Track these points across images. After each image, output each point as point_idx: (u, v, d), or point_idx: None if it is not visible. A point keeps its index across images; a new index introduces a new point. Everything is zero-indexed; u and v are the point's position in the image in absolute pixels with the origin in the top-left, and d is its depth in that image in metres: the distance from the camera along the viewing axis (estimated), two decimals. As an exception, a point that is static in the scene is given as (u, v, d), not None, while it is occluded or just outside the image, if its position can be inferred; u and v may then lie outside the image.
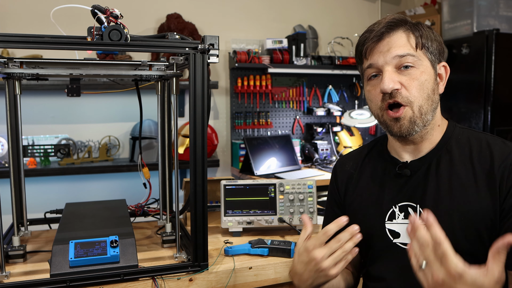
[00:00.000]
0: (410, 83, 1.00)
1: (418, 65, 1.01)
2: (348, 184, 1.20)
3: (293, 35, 3.40)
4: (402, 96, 1.00)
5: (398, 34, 1.02)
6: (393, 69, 1.01)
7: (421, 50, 1.02)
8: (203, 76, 1.20)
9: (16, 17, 2.89)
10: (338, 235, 0.98)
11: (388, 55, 1.01)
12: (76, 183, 3.01)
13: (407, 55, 1.00)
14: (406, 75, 1.00)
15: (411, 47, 1.01)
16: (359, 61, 1.09)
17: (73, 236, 1.23)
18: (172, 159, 1.58)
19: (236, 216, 1.53)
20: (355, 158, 1.23)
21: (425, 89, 1.01)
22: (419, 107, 1.00)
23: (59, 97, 2.99)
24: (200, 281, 1.25)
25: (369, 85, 1.07)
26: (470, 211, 0.97)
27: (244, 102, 3.44)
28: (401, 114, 1.01)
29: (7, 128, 1.29)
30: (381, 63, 1.02)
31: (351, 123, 3.39)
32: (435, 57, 1.04)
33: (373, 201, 1.12)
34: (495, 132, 2.85)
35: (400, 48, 1.00)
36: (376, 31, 1.02)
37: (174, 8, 3.19)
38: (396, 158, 1.11)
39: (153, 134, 2.96)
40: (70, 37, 1.11)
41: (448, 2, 3.24)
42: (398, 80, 1.00)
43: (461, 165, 1.02)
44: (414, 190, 1.05)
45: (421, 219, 0.83)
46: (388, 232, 1.07)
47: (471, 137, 1.05)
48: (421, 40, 1.02)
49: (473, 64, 2.90)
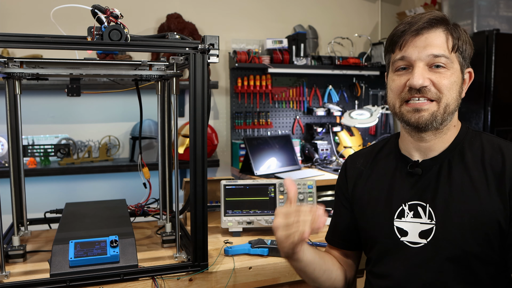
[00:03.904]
0: (440, 81, 1.01)
1: (449, 67, 1.01)
2: (357, 179, 1.20)
3: (293, 35, 3.40)
4: (431, 92, 1.01)
5: (438, 32, 1.02)
6: (425, 66, 1.01)
7: (455, 53, 1.03)
8: (203, 76, 1.20)
9: (16, 17, 2.89)
10: (299, 207, 0.98)
11: (424, 52, 1.00)
12: (76, 183, 3.01)
13: (442, 56, 1.00)
14: (437, 73, 1.01)
15: (447, 48, 1.01)
16: (390, 49, 1.08)
17: (73, 236, 1.23)
18: (172, 159, 1.58)
19: (236, 216, 1.53)
20: (366, 156, 1.23)
21: (454, 90, 1.02)
22: (445, 105, 1.01)
23: (59, 97, 2.99)
24: (200, 281, 1.25)
25: (395, 75, 1.06)
26: (481, 214, 0.97)
27: (244, 102, 3.44)
28: (424, 106, 1.01)
29: (7, 128, 1.29)
30: (414, 58, 1.01)
31: (351, 123, 3.39)
32: (465, 62, 1.06)
33: (383, 198, 1.11)
34: (495, 132, 2.85)
35: (437, 47, 1.00)
36: (417, 25, 1.02)
37: (174, 8, 3.19)
38: (408, 156, 1.11)
39: (153, 134, 2.96)
40: (70, 37, 1.11)
41: (448, 2, 3.24)
42: (428, 77, 1.01)
43: (473, 168, 1.02)
44: (425, 190, 1.05)
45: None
46: (396, 230, 1.07)
47: (484, 140, 1.06)
48: (458, 43, 1.02)
49: (473, 64, 2.87)
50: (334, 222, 1.27)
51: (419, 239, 1.03)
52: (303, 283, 1.37)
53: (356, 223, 1.20)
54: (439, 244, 1.00)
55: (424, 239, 1.02)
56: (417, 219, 1.04)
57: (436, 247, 1.01)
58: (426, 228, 1.02)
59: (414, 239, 1.04)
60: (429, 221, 1.02)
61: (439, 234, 1.01)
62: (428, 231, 1.02)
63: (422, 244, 1.02)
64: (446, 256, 0.99)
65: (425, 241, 1.02)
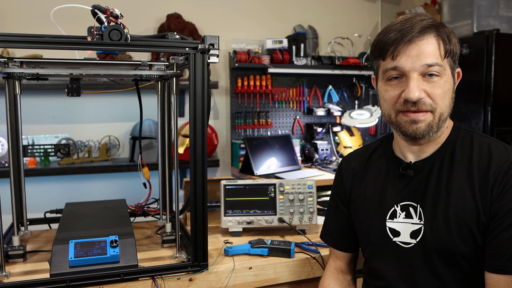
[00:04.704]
0: (434, 92, 0.99)
1: (442, 74, 1.00)
2: (353, 181, 1.21)
3: (293, 35, 3.40)
4: (425, 104, 0.99)
5: (429, 40, 0.99)
6: (419, 76, 0.99)
7: (447, 59, 1.01)
8: (203, 76, 1.20)
9: (16, 17, 2.89)
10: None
11: (417, 62, 0.98)
12: (76, 183, 3.01)
13: (435, 65, 0.98)
14: (431, 82, 0.99)
15: (440, 55, 0.99)
16: (380, 56, 1.04)
17: (73, 236, 1.23)
18: (172, 159, 1.58)
19: (236, 216, 1.53)
20: (361, 156, 1.23)
21: (447, 98, 1.01)
22: (440, 114, 1.01)
23: (59, 97, 2.99)
24: (200, 281, 1.25)
25: (387, 85, 1.04)
26: (465, 213, 0.98)
27: (244, 102, 3.44)
28: (420, 117, 1.00)
29: (7, 128, 1.29)
30: (408, 69, 0.99)
31: (351, 123, 3.39)
32: (455, 64, 1.04)
33: (376, 199, 1.13)
34: (495, 132, 2.85)
35: (430, 56, 0.98)
36: (410, 35, 0.98)
37: (174, 8, 3.19)
38: (401, 158, 1.12)
39: (153, 134, 2.96)
40: (70, 37, 1.11)
41: (448, 2, 3.24)
42: (423, 88, 0.99)
43: (461, 168, 1.02)
44: (416, 190, 1.06)
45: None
46: (388, 230, 1.08)
47: (474, 140, 1.05)
48: (450, 47, 1.01)
49: (473, 64, 2.89)
50: (333, 223, 1.27)
51: (410, 239, 1.04)
52: (303, 283, 1.37)
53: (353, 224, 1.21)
54: (428, 244, 1.01)
55: (414, 239, 1.04)
56: (409, 220, 1.05)
57: (425, 247, 1.02)
58: (416, 228, 1.04)
59: (405, 239, 1.05)
60: (418, 221, 1.04)
61: (427, 234, 1.02)
62: (418, 231, 1.03)
63: (412, 244, 1.04)
64: (435, 255, 1.00)
65: (415, 241, 1.03)
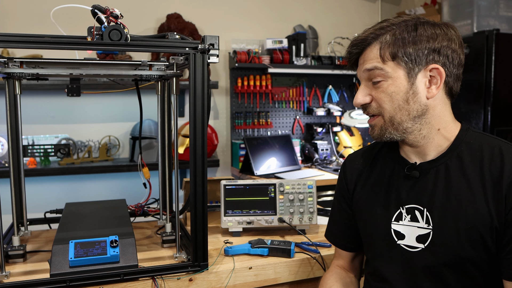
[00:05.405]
0: (378, 96, 1.03)
1: (386, 77, 1.01)
2: (357, 180, 1.19)
3: (293, 35, 3.40)
4: (372, 108, 1.05)
5: (372, 46, 1.03)
6: (367, 82, 1.05)
7: (392, 61, 1.00)
8: (203, 76, 1.20)
9: (16, 17, 2.89)
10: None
11: (361, 68, 1.05)
12: (76, 183, 3.01)
13: (374, 68, 1.02)
14: (377, 88, 1.03)
15: (380, 59, 1.01)
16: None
17: (73, 236, 1.23)
18: (172, 159, 1.58)
19: (236, 216, 1.53)
20: (365, 156, 1.22)
21: (395, 101, 1.01)
22: (389, 117, 1.03)
23: (59, 97, 2.99)
24: (200, 281, 1.25)
25: None
26: (476, 218, 0.95)
27: (244, 102, 3.44)
28: (371, 122, 1.07)
29: (7, 128, 1.29)
30: (359, 77, 1.07)
31: (351, 123, 3.39)
32: (416, 63, 0.99)
33: (381, 200, 1.11)
34: (495, 133, 2.85)
35: (368, 61, 1.03)
36: (357, 48, 1.06)
37: (174, 8, 3.19)
38: (406, 159, 1.10)
39: (153, 134, 2.96)
40: (70, 37, 1.11)
41: (448, 2, 3.24)
42: (369, 93, 1.05)
43: (471, 171, 0.99)
44: (422, 193, 1.04)
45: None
46: (393, 232, 1.06)
47: (484, 142, 1.02)
48: (398, 49, 0.99)
49: (473, 64, 2.89)
50: (337, 222, 1.27)
51: (417, 243, 1.02)
52: (303, 283, 1.37)
53: (356, 224, 1.20)
54: (437, 249, 0.99)
55: (422, 243, 1.02)
56: (415, 223, 1.03)
57: (433, 252, 1.00)
58: (424, 232, 1.02)
59: (411, 243, 1.03)
60: (426, 226, 1.01)
61: (436, 239, 1.00)
62: (426, 235, 1.01)
63: (419, 249, 1.02)
64: (444, 261, 0.98)
65: (423, 245, 1.01)
